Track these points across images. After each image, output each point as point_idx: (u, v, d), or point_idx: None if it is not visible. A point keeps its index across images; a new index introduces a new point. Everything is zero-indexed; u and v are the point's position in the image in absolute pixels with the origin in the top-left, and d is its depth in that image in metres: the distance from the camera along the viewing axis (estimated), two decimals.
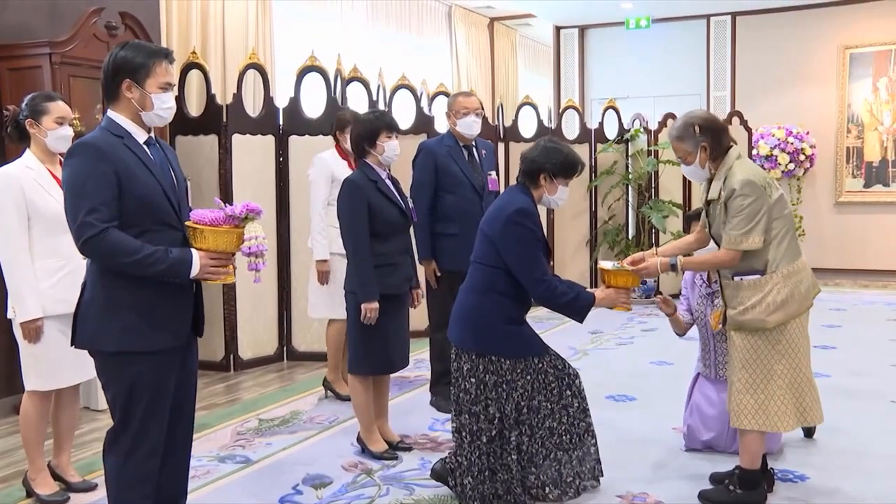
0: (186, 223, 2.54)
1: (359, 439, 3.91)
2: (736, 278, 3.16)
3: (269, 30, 7.19)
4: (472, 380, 3.22)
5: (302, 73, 5.72)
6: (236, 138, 5.49)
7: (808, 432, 4.05)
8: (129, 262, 2.41)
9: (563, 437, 3.27)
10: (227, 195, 5.34)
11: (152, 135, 2.61)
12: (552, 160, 3.26)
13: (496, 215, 3.25)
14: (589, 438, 3.35)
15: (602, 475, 3.40)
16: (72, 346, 2.60)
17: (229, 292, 5.44)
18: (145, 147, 2.55)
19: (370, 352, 3.76)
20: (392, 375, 4.08)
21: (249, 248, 2.54)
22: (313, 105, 5.76)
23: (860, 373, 5.21)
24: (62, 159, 3.42)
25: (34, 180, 3.29)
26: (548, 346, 3.32)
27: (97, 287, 2.51)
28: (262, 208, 2.56)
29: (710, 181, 3.23)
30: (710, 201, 3.21)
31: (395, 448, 3.89)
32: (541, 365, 3.25)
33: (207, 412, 4.64)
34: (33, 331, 3.28)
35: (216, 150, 5.46)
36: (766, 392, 3.13)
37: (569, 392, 3.28)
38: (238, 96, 5.60)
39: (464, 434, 3.24)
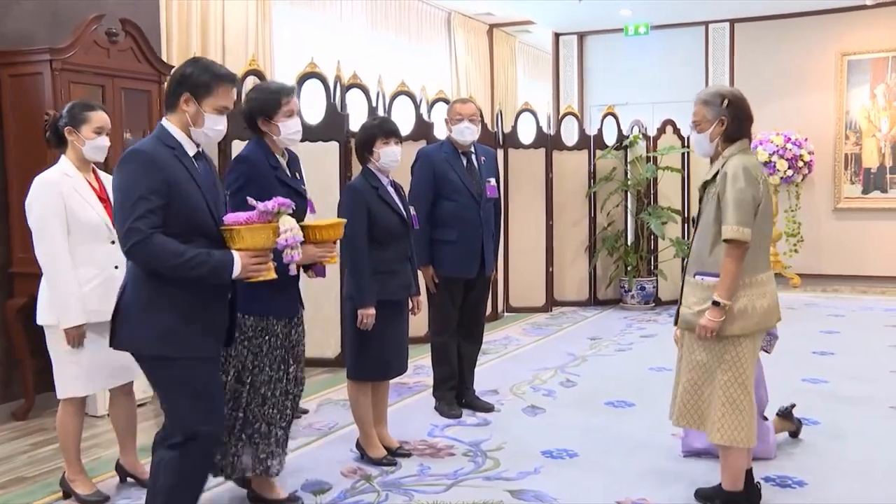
0: (222, 227, 2.59)
1: (358, 445, 3.92)
2: (697, 277, 3.08)
3: (269, 36, 7.21)
4: None
5: (301, 80, 5.73)
6: (236, 144, 5.50)
7: (794, 433, 4.05)
8: (173, 266, 2.45)
9: (272, 410, 3.25)
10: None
11: (201, 148, 2.67)
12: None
13: None
14: (285, 424, 3.33)
15: (280, 469, 3.34)
16: (110, 346, 2.66)
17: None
18: (194, 160, 2.60)
19: (368, 358, 3.76)
20: (391, 382, 4.08)
21: (286, 240, 2.60)
22: (313, 111, 5.77)
23: (859, 378, 5.21)
24: (95, 168, 3.48)
25: (73, 188, 3.33)
26: (294, 315, 3.30)
27: (138, 290, 2.55)
28: (291, 202, 2.65)
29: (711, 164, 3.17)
30: (705, 184, 3.14)
31: (394, 454, 3.89)
32: (276, 328, 3.23)
33: None
34: (78, 336, 3.32)
35: (216, 156, 5.47)
36: (707, 399, 3.09)
37: (290, 366, 3.28)
38: (238, 103, 5.60)
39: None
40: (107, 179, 3.54)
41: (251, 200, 2.63)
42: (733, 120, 3.07)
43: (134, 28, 4.91)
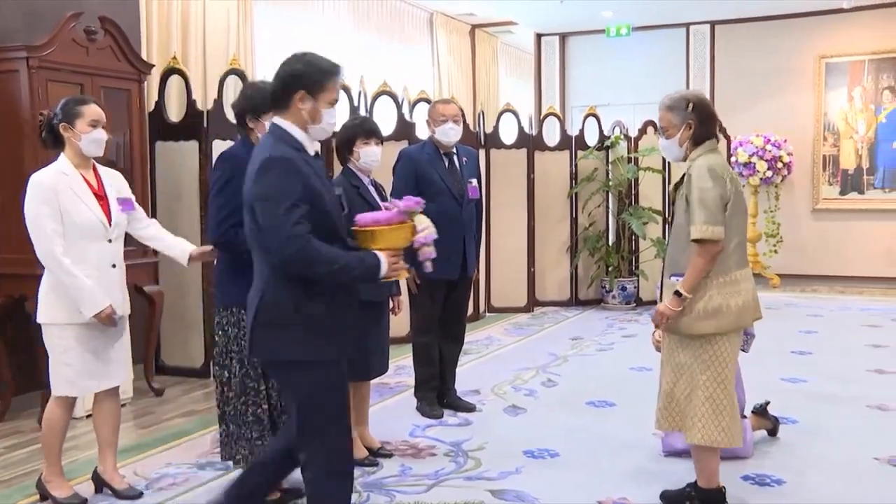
0: (356, 228, 2.61)
1: None
2: (672, 278, 3.08)
3: (251, 35, 7.17)
4: (220, 332, 3.28)
5: None
6: (217, 144, 5.46)
7: (772, 431, 4.08)
8: (331, 271, 2.46)
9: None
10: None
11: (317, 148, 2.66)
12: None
13: None
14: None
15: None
16: (247, 356, 2.66)
17: (209, 299, 5.41)
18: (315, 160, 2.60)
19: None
20: (372, 382, 4.08)
21: (425, 238, 2.65)
22: None
23: (837, 378, 5.26)
24: (96, 164, 3.45)
25: (69, 187, 3.30)
26: None
27: (278, 296, 2.51)
28: (423, 201, 2.70)
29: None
30: (676, 186, 3.16)
31: (376, 454, 3.89)
32: None
33: (187, 419, 4.61)
34: (108, 318, 3.31)
35: (197, 156, 5.43)
36: (687, 400, 3.09)
37: None
38: (219, 102, 5.58)
39: (217, 386, 3.31)
40: (107, 175, 3.50)
41: (394, 200, 2.67)
42: (700, 123, 3.09)
43: (113, 26, 4.86)
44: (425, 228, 2.65)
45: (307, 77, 2.54)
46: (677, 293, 3.01)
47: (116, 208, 3.42)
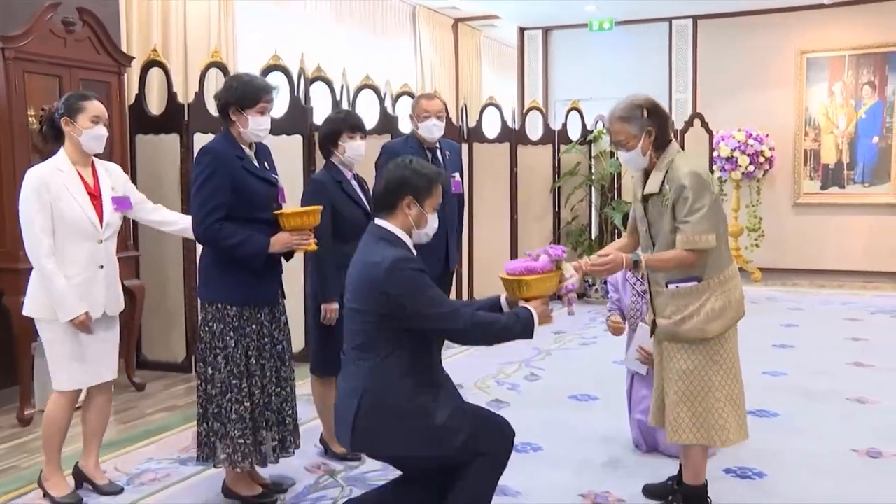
0: (506, 277, 2.75)
1: (322, 440, 3.90)
2: (671, 286, 2.99)
3: (232, 28, 7.12)
4: (206, 329, 3.26)
5: (265, 73, 5.66)
6: (198, 137, 5.42)
7: None
8: (496, 333, 2.64)
9: (271, 398, 3.30)
10: (189, 195, 5.28)
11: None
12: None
13: None
14: (287, 408, 3.37)
15: (296, 448, 3.41)
16: (354, 450, 2.76)
17: (190, 293, 5.38)
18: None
19: (332, 353, 3.72)
20: None
21: (572, 285, 2.79)
22: (276, 105, 5.68)
23: (817, 371, 5.31)
24: (95, 161, 3.43)
25: (62, 184, 3.26)
26: (276, 305, 3.35)
27: (380, 394, 2.58)
28: (564, 249, 2.86)
29: (645, 174, 3.06)
30: (648, 196, 3.01)
31: None
32: (259, 316, 3.26)
33: (169, 414, 4.58)
34: (83, 324, 3.28)
35: (178, 150, 5.39)
36: (703, 405, 2.99)
37: (277, 349, 3.33)
38: (200, 95, 5.53)
39: (200, 384, 3.28)
40: (105, 172, 3.46)
41: (542, 249, 2.80)
42: (659, 127, 2.98)
43: (92, 18, 4.81)
44: (572, 276, 2.79)
45: (414, 183, 2.65)
46: (636, 263, 2.96)
47: (110, 209, 3.39)
